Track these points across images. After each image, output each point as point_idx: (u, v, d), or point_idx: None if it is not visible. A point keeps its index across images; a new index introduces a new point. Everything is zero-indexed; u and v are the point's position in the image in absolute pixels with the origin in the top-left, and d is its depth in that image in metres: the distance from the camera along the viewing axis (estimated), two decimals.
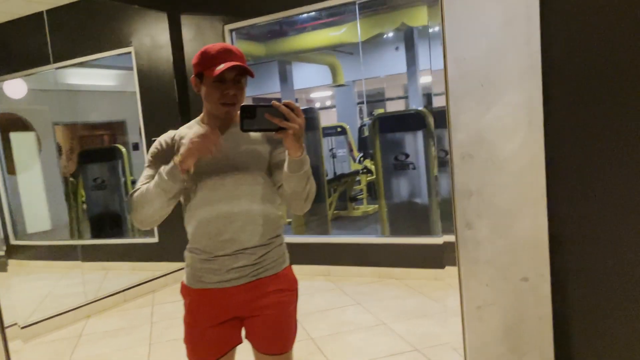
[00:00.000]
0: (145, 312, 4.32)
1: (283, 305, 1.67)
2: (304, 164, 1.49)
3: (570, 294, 0.86)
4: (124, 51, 5.42)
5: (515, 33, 0.77)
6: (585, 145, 0.81)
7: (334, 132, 8.83)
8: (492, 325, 0.85)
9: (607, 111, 0.80)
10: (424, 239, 4.63)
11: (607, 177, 0.82)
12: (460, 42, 0.78)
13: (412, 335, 3.35)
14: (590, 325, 0.87)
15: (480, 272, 0.84)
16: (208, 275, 1.63)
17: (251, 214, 1.60)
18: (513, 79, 0.78)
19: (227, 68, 1.51)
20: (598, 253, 0.85)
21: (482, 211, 0.82)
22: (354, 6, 5.06)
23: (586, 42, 0.78)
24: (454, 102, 0.79)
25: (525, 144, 0.80)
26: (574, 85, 0.79)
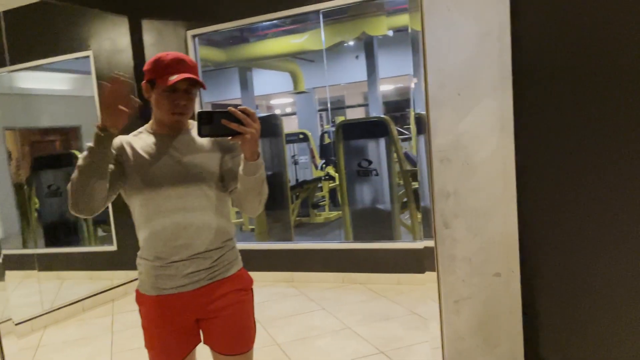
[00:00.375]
0: (106, 322, 4.21)
1: (240, 305, 1.71)
2: (260, 167, 1.54)
3: (538, 288, 0.93)
4: (83, 55, 5.30)
5: (489, 47, 0.84)
6: (552, 150, 0.88)
7: (296, 138, 8.88)
8: (468, 318, 0.91)
9: (571, 118, 0.87)
10: (387, 244, 4.72)
11: (572, 180, 0.90)
12: (440, 54, 0.84)
13: (377, 338, 3.41)
14: (555, 317, 0.94)
15: (457, 269, 0.89)
16: (164, 282, 1.64)
17: (205, 225, 1.64)
18: (487, 89, 0.85)
19: (180, 79, 1.54)
20: (563, 250, 0.92)
21: (459, 211, 0.88)
22: (316, 14, 5.14)
23: (552, 57, 0.86)
24: (434, 109, 0.85)
25: (497, 149, 0.86)
26: (542, 95, 0.86)
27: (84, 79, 5.84)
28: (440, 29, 0.84)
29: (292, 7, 4.61)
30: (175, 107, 1.59)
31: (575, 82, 0.86)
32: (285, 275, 4.94)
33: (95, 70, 5.21)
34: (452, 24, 0.84)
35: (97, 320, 4.28)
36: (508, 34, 0.84)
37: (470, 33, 0.84)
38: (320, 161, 8.57)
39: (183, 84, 1.58)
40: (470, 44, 0.84)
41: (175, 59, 1.59)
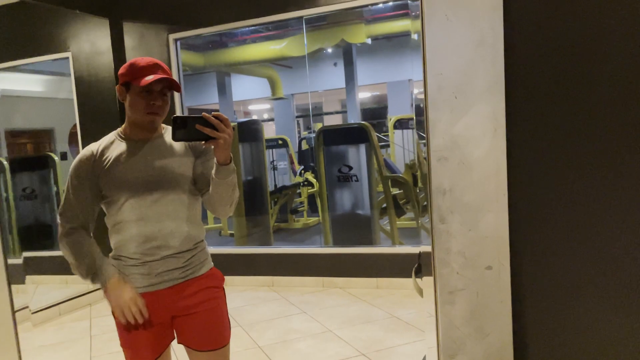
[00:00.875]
0: (84, 326, 4.16)
1: (214, 301, 1.76)
2: (232, 171, 1.59)
3: (526, 281, 0.99)
4: (61, 56, 5.23)
5: (484, 54, 0.90)
6: (541, 151, 0.95)
7: (275, 144, 8.90)
8: (462, 309, 0.97)
9: (559, 122, 0.94)
10: (366, 249, 4.79)
11: (560, 179, 0.96)
12: (438, 59, 0.90)
13: (358, 340, 3.46)
14: (542, 308, 1.00)
15: (452, 261, 0.95)
16: (137, 280, 1.68)
17: (177, 228, 1.69)
18: (481, 93, 0.91)
19: (155, 80, 1.59)
20: (550, 245, 0.98)
21: (454, 207, 0.94)
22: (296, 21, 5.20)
23: (543, 63, 0.93)
24: (432, 111, 0.91)
25: (490, 149, 0.93)
26: (532, 100, 0.93)
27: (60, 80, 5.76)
28: (438, 36, 0.90)
29: (275, 13, 4.66)
30: (151, 107, 1.63)
31: (563, 88, 0.93)
32: (265, 279, 4.95)
33: (74, 72, 5.15)
34: (450, 31, 0.90)
35: (75, 324, 4.22)
36: (501, 42, 0.91)
37: (466, 40, 0.90)
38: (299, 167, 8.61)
39: (158, 85, 1.62)
40: (466, 51, 0.90)
41: (150, 63, 1.63)
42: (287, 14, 4.61)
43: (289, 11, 4.59)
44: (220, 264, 1.86)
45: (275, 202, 7.42)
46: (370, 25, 8.63)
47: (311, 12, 4.54)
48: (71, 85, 5.20)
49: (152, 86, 1.61)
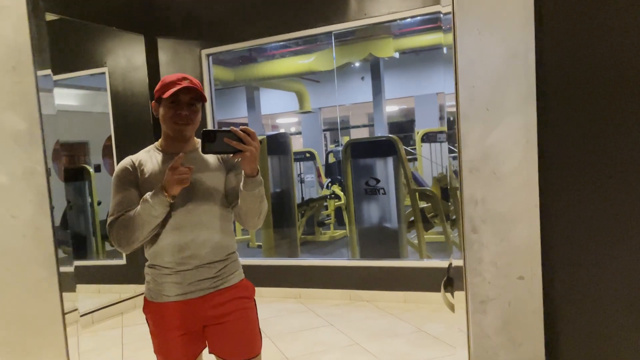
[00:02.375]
0: (115, 334, 4.25)
1: (244, 312, 1.79)
2: (259, 184, 1.64)
3: (558, 291, 1.00)
4: (98, 71, 5.42)
5: (516, 67, 0.92)
6: (573, 163, 0.96)
7: (303, 157, 8.97)
8: (494, 318, 0.98)
9: (591, 134, 0.95)
10: (393, 262, 4.77)
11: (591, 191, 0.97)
12: (471, 72, 0.92)
13: (385, 354, 3.44)
14: (576, 318, 1.00)
15: (484, 271, 0.96)
16: (170, 289, 1.72)
17: (210, 238, 1.73)
18: (513, 106, 0.93)
19: (181, 91, 1.67)
20: (583, 255, 0.99)
21: (486, 217, 0.95)
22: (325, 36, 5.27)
23: (573, 76, 0.94)
24: (464, 123, 0.93)
25: (522, 161, 0.94)
26: (564, 112, 0.94)
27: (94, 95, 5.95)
28: (471, 50, 0.92)
29: (305, 29, 4.74)
30: (177, 116, 1.70)
31: (595, 99, 0.94)
32: (292, 291, 4.97)
33: (110, 86, 5.33)
34: (482, 46, 0.92)
35: (107, 333, 4.31)
36: (533, 55, 0.92)
37: (499, 54, 0.92)
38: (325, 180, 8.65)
39: (185, 96, 1.69)
40: (499, 64, 0.92)
41: (178, 77, 1.71)
42: (316, 30, 4.68)
43: (318, 26, 4.66)
44: (248, 275, 1.90)
45: (302, 215, 7.46)
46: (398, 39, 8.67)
47: (340, 27, 4.60)
48: (106, 99, 5.37)
49: (178, 97, 1.68)
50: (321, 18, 4.65)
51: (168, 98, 1.67)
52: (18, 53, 1.00)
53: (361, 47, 8.60)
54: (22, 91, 0.95)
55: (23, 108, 0.96)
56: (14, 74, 0.93)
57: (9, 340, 1.09)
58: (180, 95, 1.68)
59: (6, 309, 1.08)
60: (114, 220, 1.68)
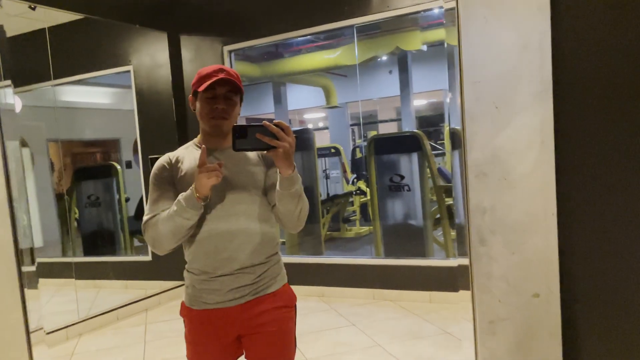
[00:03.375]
0: (139, 331, 4.27)
1: (283, 322, 1.69)
2: (295, 181, 1.52)
3: (579, 311, 0.89)
4: (123, 69, 5.46)
5: (529, 59, 0.81)
6: (595, 166, 0.84)
7: (328, 152, 8.89)
8: (505, 340, 0.87)
9: (617, 133, 0.84)
10: (419, 261, 4.65)
11: (617, 197, 0.86)
12: (476, 66, 0.82)
13: (408, 356, 3.34)
14: (598, 343, 0.89)
15: (493, 288, 0.86)
16: (209, 296, 1.65)
17: (249, 232, 1.63)
18: (526, 102, 0.82)
19: (218, 84, 1.58)
20: (607, 271, 0.88)
21: (496, 228, 0.85)
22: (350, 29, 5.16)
23: (597, 67, 0.83)
24: (470, 123, 0.83)
25: (537, 163, 0.83)
26: (585, 108, 0.83)
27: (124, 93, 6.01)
28: (476, 40, 0.82)
29: (326, 23, 4.65)
30: (214, 111, 1.61)
31: (622, 95, 0.83)
32: (316, 289, 4.91)
33: (135, 84, 5.36)
34: (490, 35, 0.82)
35: (131, 330, 4.34)
36: (549, 44, 0.81)
37: (509, 44, 0.81)
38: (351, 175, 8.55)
39: (222, 88, 1.60)
40: (509, 56, 0.82)
41: (216, 69, 1.62)
42: (337, 23, 4.58)
43: (339, 20, 4.56)
44: None
45: (327, 211, 7.39)
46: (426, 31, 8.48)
47: (362, 20, 4.49)
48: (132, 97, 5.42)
49: (215, 90, 1.60)
50: (343, 12, 4.55)
51: (204, 92, 1.60)
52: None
53: (387, 40, 8.45)
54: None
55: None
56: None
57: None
58: (216, 88, 1.60)
59: None
60: (148, 220, 1.62)
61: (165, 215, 1.58)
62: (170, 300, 5.14)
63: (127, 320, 4.63)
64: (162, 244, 1.61)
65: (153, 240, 1.62)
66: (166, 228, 1.57)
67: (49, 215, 6.69)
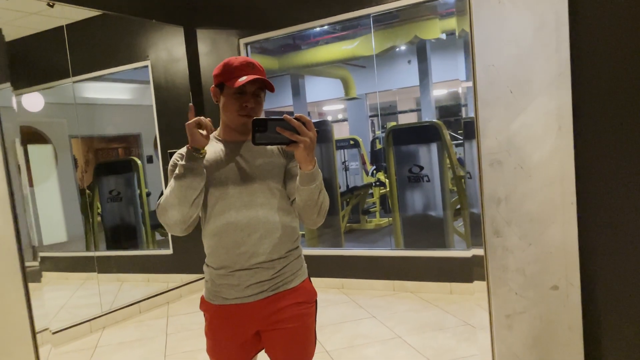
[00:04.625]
0: (161, 324, 4.32)
1: (302, 318, 1.67)
2: (316, 177, 1.49)
3: (601, 303, 0.85)
4: (141, 65, 5.50)
5: (545, 40, 0.77)
6: (616, 152, 0.80)
7: (347, 144, 8.84)
8: (522, 334, 0.84)
9: (638, 117, 0.79)
10: (439, 252, 4.60)
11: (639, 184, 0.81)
12: (489, 49, 0.78)
13: (429, 348, 3.31)
14: (621, 337, 0.85)
15: (509, 280, 0.83)
16: (227, 291, 1.64)
17: (268, 224, 1.60)
18: (542, 86, 0.78)
19: (248, 81, 1.54)
20: (630, 262, 0.83)
21: (512, 218, 0.82)
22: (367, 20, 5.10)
23: (617, 48, 0.78)
24: (483, 109, 0.80)
25: (555, 150, 0.79)
26: (605, 92, 0.79)
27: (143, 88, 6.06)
28: (490, 22, 0.78)
29: (343, 13, 4.60)
30: (243, 109, 1.59)
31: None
32: (335, 281, 4.90)
33: (152, 79, 5.39)
34: (503, 16, 0.78)
35: (153, 322, 4.40)
36: (566, 26, 0.77)
37: (523, 26, 0.77)
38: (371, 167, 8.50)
39: (252, 86, 1.58)
40: (523, 38, 0.78)
41: (244, 63, 1.59)
42: (353, 13, 4.52)
43: (355, 10, 4.50)
44: None
45: (347, 203, 7.36)
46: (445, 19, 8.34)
47: (378, 9, 4.42)
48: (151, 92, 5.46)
49: (245, 87, 1.57)
50: (359, 1, 4.49)
51: (233, 88, 1.56)
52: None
53: (406, 29, 8.33)
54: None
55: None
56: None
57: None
58: (246, 86, 1.57)
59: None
60: (158, 201, 1.58)
61: (170, 184, 1.54)
62: (192, 293, 5.18)
63: (149, 313, 4.69)
64: (173, 216, 1.54)
65: (164, 216, 1.56)
66: (172, 196, 1.52)
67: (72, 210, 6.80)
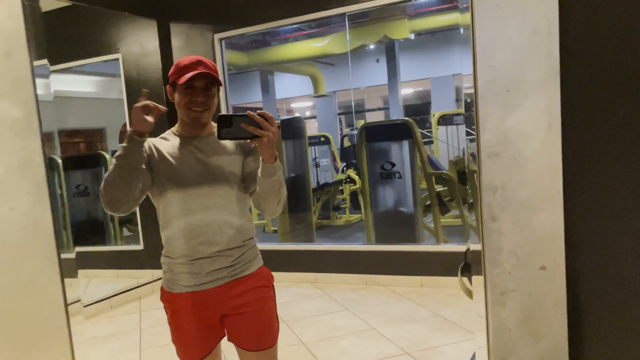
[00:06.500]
0: (134, 319, 4.29)
1: (263, 301, 1.75)
2: (277, 170, 1.58)
3: (582, 282, 0.95)
4: (112, 57, 5.41)
5: (538, 45, 0.86)
6: (600, 146, 0.90)
7: (318, 141, 8.92)
8: (514, 310, 0.93)
9: (620, 116, 0.89)
10: (409, 247, 4.73)
11: (619, 177, 0.91)
12: (489, 51, 0.86)
13: (402, 339, 3.42)
14: (599, 310, 0.95)
15: (503, 261, 0.91)
16: (187, 279, 1.69)
17: (227, 215, 1.69)
18: (535, 86, 0.87)
19: (196, 77, 1.61)
20: (609, 245, 0.93)
21: (506, 205, 0.90)
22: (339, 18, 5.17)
23: (601, 54, 0.88)
24: (483, 105, 0.88)
25: (544, 144, 0.88)
26: (590, 93, 0.88)
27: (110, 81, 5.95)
28: (490, 26, 0.86)
29: (318, 11, 4.65)
30: (193, 103, 1.65)
31: (623, 80, 0.88)
32: (308, 276, 4.97)
33: (123, 72, 5.32)
34: (502, 21, 0.86)
35: (126, 317, 4.36)
36: (556, 32, 0.86)
37: (519, 30, 0.86)
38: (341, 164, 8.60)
39: (200, 81, 1.64)
40: (519, 42, 0.86)
41: (193, 60, 1.66)
42: (330, 11, 4.59)
43: (331, 8, 4.57)
44: (263, 260, 1.87)
45: (317, 199, 7.44)
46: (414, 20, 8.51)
47: (354, 8, 4.50)
48: (121, 85, 5.37)
49: (194, 83, 1.63)
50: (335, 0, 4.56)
51: (183, 84, 1.63)
52: (11, 39, 0.96)
53: (376, 28, 8.47)
54: (17, 78, 0.92)
55: (18, 96, 0.92)
56: (8, 61, 0.90)
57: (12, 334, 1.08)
58: (195, 81, 1.63)
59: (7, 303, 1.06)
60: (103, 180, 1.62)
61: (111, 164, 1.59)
62: None
63: (121, 308, 4.64)
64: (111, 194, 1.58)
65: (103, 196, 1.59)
66: (110, 175, 1.57)
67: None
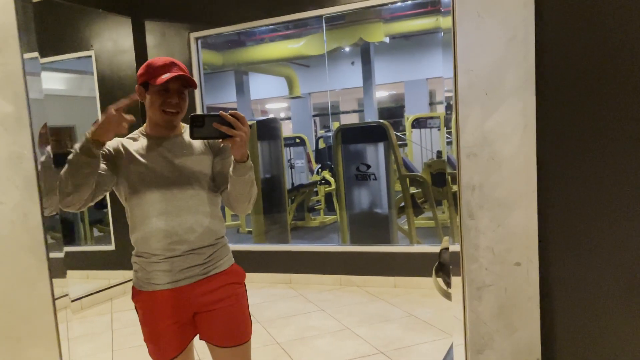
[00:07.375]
0: (105, 320, 4.23)
1: (235, 298, 1.77)
2: (249, 169, 1.62)
3: (555, 277, 0.99)
4: (84, 55, 5.32)
5: (515, 51, 0.90)
6: (572, 148, 0.95)
7: (293, 142, 8.93)
8: (490, 305, 0.97)
9: (590, 119, 0.94)
10: (384, 248, 4.78)
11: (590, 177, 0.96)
12: (469, 56, 0.90)
13: (376, 338, 3.47)
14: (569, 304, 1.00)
15: (480, 257, 0.95)
16: (160, 277, 1.70)
17: (198, 214, 1.70)
18: (512, 89, 0.91)
19: (172, 78, 1.62)
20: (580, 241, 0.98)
21: (483, 203, 0.94)
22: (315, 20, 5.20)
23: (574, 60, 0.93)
24: (463, 108, 0.91)
25: (520, 146, 0.93)
26: (563, 96, 0.93)
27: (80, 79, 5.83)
28: (470, 33, 0.90)
29: (295, 12, 4.68)
30: (167, 105, 1.66)
31: (595, 83, 0.93)
32: (283, 276, 4.98)
33: (97, 70, 5.23)
34: (482, 28, 0.90)
35: (97, 319, 4.29)
36: (532, 38, 0.91)
37: (498, 37, 0.90)
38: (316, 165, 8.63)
39: (175, 83, 1.65)
40: (498, 47, 0.90)
41: (166, 62, 1.67)
42: (307, 13, 4.62)
43: (309, 10, 4.60)
44: (238, 261, 1.88)
45: (292, 200, 7.45)
46: (389, 23, 8.61)
47: (331, 10, 4.54)
48: (93, 83, 5.28)
49: (168, 85, 1.64)
50: (312, 2, 4.59)
51: (157, 85, 1.63)
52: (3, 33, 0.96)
53: (351, 31, 8.53)
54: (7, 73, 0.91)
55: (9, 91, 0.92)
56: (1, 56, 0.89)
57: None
58: (169, 83, 1.64)
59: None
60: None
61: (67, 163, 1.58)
62: None
63: (92, 309, 4.57)
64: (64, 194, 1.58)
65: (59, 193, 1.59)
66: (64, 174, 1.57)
67: None
